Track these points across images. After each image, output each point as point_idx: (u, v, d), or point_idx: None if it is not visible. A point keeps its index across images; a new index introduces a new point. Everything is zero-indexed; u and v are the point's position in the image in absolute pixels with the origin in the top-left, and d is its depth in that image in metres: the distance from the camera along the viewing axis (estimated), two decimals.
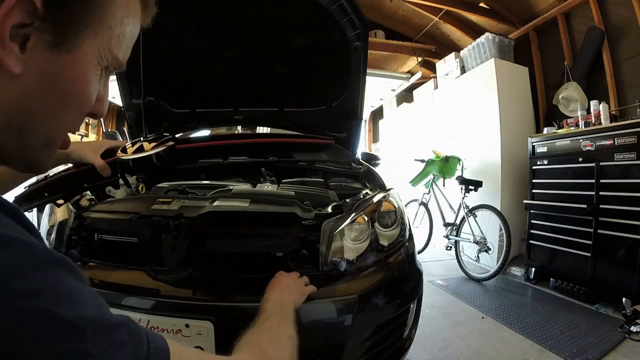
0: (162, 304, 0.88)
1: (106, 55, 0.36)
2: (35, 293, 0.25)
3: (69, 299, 0.27)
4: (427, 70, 4.89)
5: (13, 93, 0.31)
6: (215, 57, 1.50)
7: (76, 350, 0.25)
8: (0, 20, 0.28)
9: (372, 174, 1.54)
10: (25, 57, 0.31)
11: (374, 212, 1.14)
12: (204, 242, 1.02)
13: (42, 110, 0.34)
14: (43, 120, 0.35)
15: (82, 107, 0.37)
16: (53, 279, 0.27)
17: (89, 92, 0.37)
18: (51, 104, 0.34)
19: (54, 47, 0.32)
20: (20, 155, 0.36)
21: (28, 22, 0.30)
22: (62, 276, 0.28)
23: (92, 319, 0.28)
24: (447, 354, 1.73)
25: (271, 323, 0.61)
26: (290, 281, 0.82)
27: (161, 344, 0.33)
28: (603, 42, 2.97)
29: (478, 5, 3.86)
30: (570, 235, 2.50)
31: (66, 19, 0.32)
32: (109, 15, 0.35)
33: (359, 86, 1.49)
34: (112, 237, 1.09)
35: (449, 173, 3.53)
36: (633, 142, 2.15)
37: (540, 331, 1.93)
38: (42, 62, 0.32)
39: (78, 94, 0.36)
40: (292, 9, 1.29)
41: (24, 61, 0.31)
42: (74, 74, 0.34)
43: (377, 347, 1.03)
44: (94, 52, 0.35)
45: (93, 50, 0.35)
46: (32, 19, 0.30)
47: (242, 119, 1.94)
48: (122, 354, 0.28)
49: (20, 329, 0.24)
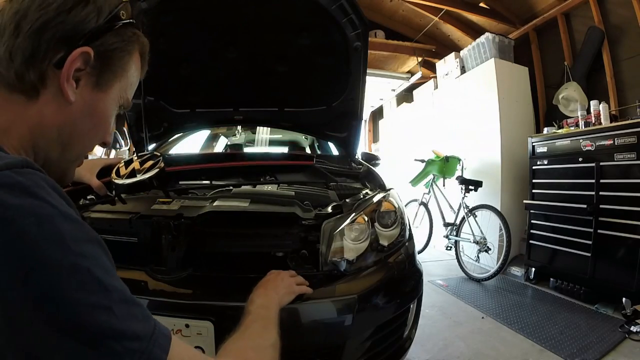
0: (162, 304, 0.88)
1: (122, 97, 0.51)
2: (84, 255, 0.34)
3: (105, 269, 0.35)
4: (427, 70, 4.89)
5: (66, 115, 0.44)
6: (215, 57, 1.50)
7: (104, 305, 0.33)
8: (69, 63, 0.42)
9: (372, 174, 1.54)
10: (77, 90, 0.44)
11: (374, 212, 1.14)
12: (204, 242, 1.02)
13: (81, 130, 0.46)
14: (80, 138, 0.47)
15: (104, 134, 0.50)
16: (97, 252, 0.36)
17: (110, 122, 0.51)
18: (87, 127, 0.47)
19: (95, 86, 0.46)
20: (59, 164, 0.47)
21: (83, 67, 0.44)
22: (102, 253, 0.37)
23: (119, 289, 0.36)
24: (447, 354, 1.73)
25: (254, 329, 0.63)
26: (278, 280, 0.83)
27: (166, 332, 0.39)
28: (603, 42, 2.97)
29: (478, 5, 3.86)
30: (570, 235, 2.50)
31: (105, 68, 0.46)
32: (127, 70, 0.50)
33: (359, 86, 1.49)
34: (112, 237, 1.09)
35: (449, 173, 3.53)
36: (633, 142, 2.15)
37: (540, 331, 1.93)
38: (87, 96, 0.45)
39: (103, 123, 0.49)
40: (292, 9, 1.29)
41: (77, 93, 0.44)
42: (104, 108, 0.48)
43: (377, 347, 1.03)
44: (117, 94, 0.49)
45: (117, 92, 0.49)
46: (86, 65, 0.44)
47: (242, 119, 1.94)
48: (134, 324, 0.35)
49: (68, 277, 0.32)
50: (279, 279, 0.84)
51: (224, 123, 2.24)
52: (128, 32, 0.48)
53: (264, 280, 0.83)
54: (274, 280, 0.83)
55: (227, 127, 2.70)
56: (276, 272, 0.87)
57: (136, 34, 0.50)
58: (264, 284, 0.81)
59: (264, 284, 0.81)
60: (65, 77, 0.42)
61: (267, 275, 0.85)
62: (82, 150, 0.50)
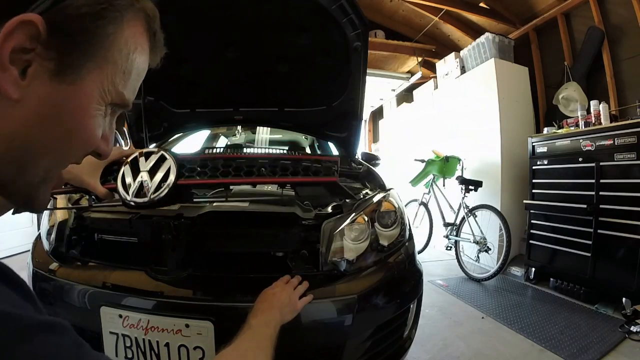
0: (162, 304, 0.88)
1: (110, 91, 0.36)
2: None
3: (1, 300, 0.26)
4: (427, 70, 4.89)
5: (11, 119, 0.30)
6: (215, 57, 1.49)
7: None
8: (1, 40, 0.28)
9: (372, 174, 1.54)
10: (25, 83, 0.30)
11: (374, 212, 1.14)
12: (204, 242, 1.02)
13: (42, 141, 0.32)
14: (42, 152, 0.33)
15: (86, 144, 0.36)
16: (40, 346, 0.25)
17: (92, 127, 0.36)
18: (52, 136, 0.33)
19: (55, 76, 0.31)
20: (17, 189, 0.34)
21: (30, 47, 0.29)
22: (49, 341, 0.26)
23: None
24: (447, 354, 1.73)
25: (250, 346, 0.62)
26: (283, 297, 0.81)
27: None
28: (603, 42, 2.97)
29: (478, 5, 3.86)
30: (570, 235, 2.50)
31: (70, 48, 0.32)
32: (113, 50, 0.35)
33: (359, 86, 1.49)
34: (112, 237, 1.09)
35: (449, 173, 3.53)
36: (633, 142, 2.15)
37: (540, 331, 1.93)
38: (43, 91, 0.31)
39: (80, 128, 0.35)
40: (292, 9, 1.29)
41: (24, 88, 0.30)
42: (75, 107, 0.33)
43: (377, 347, 1.03)
44: (97, 86, 0.35)
45: (96, 83, 0.34)
46: (34, 44, 0.30)
47: (242, 119, 1.94)
48: None
49: None
50: (285, 295, 0.82)
51: (224, 123, 2.23)
52: None
53: (270, 294, 0.81)
54: (279, 297, 0.80)
55: (227, 127, 2.70)
56: (282, 285, 0.85)
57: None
58: (269, 298, 0.79)
59: (269, 298, 0.79)
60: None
61: (273, 287, 0.84)
62: (51, 168, 0.36)
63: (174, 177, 0.86)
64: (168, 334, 0.84)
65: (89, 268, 1.01)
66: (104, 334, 0.88)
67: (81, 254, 1.07)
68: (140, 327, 0.84)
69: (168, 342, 0.84)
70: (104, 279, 0.95)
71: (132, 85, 0.39)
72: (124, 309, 0.87)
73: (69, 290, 0.96)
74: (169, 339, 0.84)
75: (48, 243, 1.12)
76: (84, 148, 0.37)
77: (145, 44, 0.39)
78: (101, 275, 0.97)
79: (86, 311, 0.92)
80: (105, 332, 0.88)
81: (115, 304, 0.89)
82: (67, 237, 1.10)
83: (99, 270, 0.99)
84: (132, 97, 0.39)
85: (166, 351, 0.84)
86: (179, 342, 0.84)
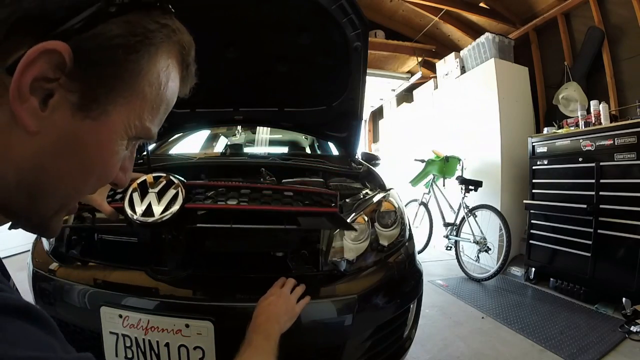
0: (162, 304, 0.88)
1: (136, 126, 0.33)
2: None
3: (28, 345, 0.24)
4: (427, 70, 4.89)
5: (27, 150, 0.28)
6: (215, 57, 1.49)
7: None
8: (22, 69, 0.25)
9: (372, 174, 1.54)
10: (45, 114, 0.28)
11: (374, 212, 1.14)
12: (204, 242, 1.02)
13: (57, 175, 0.30)
14: (57, 184, 0.31)
15: (103, 178, 0.34)
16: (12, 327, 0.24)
17: (113, 163, 0.33)
18: (68, 169, 0.31)
19: (79, 110, 0.29)
20: (30, 218, 0.33)
21: (53, 76, 0.27)
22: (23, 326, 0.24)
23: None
24: (447, 354, 1.73)
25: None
26: (280, 304, 0.79)
27: None
28: (603, 42, 2.97)
29: (478, 5, 3.86)
30: (570, 235, 2.50)
31: (97, 81, 0.29)
32: (144, 84, 0.32)
33: (359, 86, 1.49)
34: (112, 237, 1.09)
35: (449, 173, 3.53)
36: (633, 142, 2.15)
37: (540, 331, 1.93)
38: (63, 124, 0.28)
39: (100, 164, 0.33)
40: (292, 9, 1.29)
41: (44, 119, 0.28)
42: (97, 143, 0.31)
43: (377, 347, 1.03)
44: (123, 121, 0.32)
45: (122, 119, 0.31)
46: (58, 74, 0.27)
47: (242, 119, 1.94)
48: None
49: None
50: (281, 302, 0.80)
51: (224, 123, 2.24)
52: (148, 20, 0.31)
53: (266, 304, 0.79)
54: (275, 305, 0.79)
55: (227, 127, 2.70)
56: (277, 291, 0.84)
57: (166, 25, 0.33)
58: (266, 309, 0.78)
59: (266, 309, 0.78)
60: (16, 91, 0.26)
61: (268, 297, 0.82)
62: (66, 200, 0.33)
63: (182, 200, 0.87)
64: (168, 334, 0.84)
65: (89, 268, 1.01)
66: (104, 334, 0.88)
67: (81, 254, 1.06)
68: (140, 327, 0.84)
69: (168, 342, 0.84)
70: (104, 279, 0.95)
71: (159, 119, 0.36)
72: (124, 309, 0.87)
73: (69, 290, 0.96)
74: (169, 339, 0.84)
75: (48, 243, 1.12)
76: (102, 182, 0.35)
77: (177, 77, 0.36)
78: (101, 275, 0.97)
79: (86, 311, 0.92)
80: (105, 332, 0.88)
81: (115, 304, 0.89)
82: (67, 237, 1.10)
83: (99, 270, 0.99)
84: (157, 129, 0.36)
85: (166, 351, 0.84)
86: (179, 342, 0.84)
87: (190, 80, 0.39)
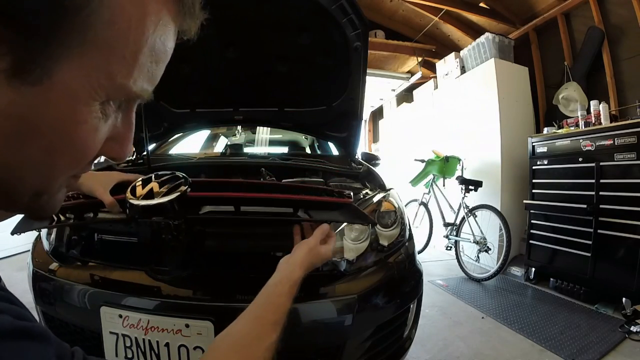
0: (162, 304, 0.88)
1: (103, 85, 0.25)
2: None
3: None
4: (427, 70, 4.89)
5: None
6: (215, 57, 1.49)
7: None
8: None
9: (372, 174, 1.54)
10: None
11: (374, 212, 1.14)
12: (204, 242, 1.02)
13: (17, 162, 0.24)
14: (21, 172, 0.25)
15: (80, 154, 0.27)
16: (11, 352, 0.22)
17: (84, 134, 0.26)
18: (28, 153, 0.24)
19: (12, 77, 0.21)
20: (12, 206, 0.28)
21: None
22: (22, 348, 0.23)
23: None
24: (447, 354, 1.73)
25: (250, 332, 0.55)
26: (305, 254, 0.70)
27: None
28: (603, 42, 2.97)
29: (478, 5, 3.86)
30: (570, 235, 2.51)
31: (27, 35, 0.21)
32: (100, 25, 0.23)
33: (359, 86, 1.49)
34: (112, 237, 1.09)
35: (449, 173, 3.53)
36: (633, 142, 2.15)
37: (540, 331, 1.93)
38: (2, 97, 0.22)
39: (65, 138, 0.25)
40: (292, 9, 1.29)
41: None
42: (51, 115, 0.24)
43: (377, 347, 1.03)
44: (81, 82, 0.24)
45: (80, 79, 0.24)
46: None
47: (242, 119, 1.94)
48: None
49: None
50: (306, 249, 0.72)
51: (224, 123, 2.24)
52: None
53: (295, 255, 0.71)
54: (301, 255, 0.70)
55: (227, 127, 2.70)
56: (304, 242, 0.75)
57: None
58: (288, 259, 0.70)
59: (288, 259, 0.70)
60: None
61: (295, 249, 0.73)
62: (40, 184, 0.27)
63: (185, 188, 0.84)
64: (168, 334, 0.84)
65: (89, 268, 1.01)
66: (104, 334, 0.88)
67: (81, 254, 1.07)
68: (140, 327, 0.84)
69: (168, 342, 0.84)
70: (104, 279, 0.95)
71: (144, 71, 0.27)
72: (124, 309, 0.87)
73: (69, 290, 0.96)
74: (169, 339, 0.84)
75: (48, 243, 1.12)
76: (78, 161, 0.28)
77: (162, 9, 0.27)
78: (101, 275, 0.97)
79: (86, 311, 0.92)
80: (105, 332, 0.88)
81: (115, 304, 0.89)
82: (67, 237, 1.10)
83: (99, 270, 0.99)
84: (145, 86, 0.29)
85: (166, 351, 0.84)
86: (179, 342, 0.84)
87: (196, 9, 0.30)
